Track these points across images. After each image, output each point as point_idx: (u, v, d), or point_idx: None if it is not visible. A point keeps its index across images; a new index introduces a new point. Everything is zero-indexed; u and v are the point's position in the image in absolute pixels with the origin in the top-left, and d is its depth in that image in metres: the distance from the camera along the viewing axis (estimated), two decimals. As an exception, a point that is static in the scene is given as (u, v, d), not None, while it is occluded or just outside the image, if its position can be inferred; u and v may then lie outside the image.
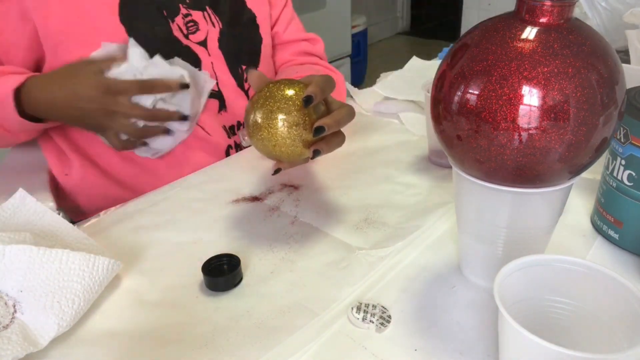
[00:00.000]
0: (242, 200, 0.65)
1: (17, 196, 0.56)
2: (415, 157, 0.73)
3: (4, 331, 0.43)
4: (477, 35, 0.40)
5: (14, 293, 0.45)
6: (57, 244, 0.52)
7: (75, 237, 0.54)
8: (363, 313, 0.46)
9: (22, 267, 0.45)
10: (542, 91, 0.36)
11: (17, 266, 0.45)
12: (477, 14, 2.68)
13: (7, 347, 0.41)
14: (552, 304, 0.40)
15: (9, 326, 0.43)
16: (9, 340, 0.42)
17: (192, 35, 0.75)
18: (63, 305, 0.45)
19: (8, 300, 0.45)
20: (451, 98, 0.40)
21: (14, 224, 0.54)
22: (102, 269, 0.48)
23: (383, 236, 0.57)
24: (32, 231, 0.52)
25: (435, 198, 0.63)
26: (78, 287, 0.46)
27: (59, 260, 0.46)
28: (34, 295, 0.45)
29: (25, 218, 0.55)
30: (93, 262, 0.48)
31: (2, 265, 0.45)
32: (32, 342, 0.43)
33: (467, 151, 0.40)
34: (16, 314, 0.44)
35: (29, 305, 0.45)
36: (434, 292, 0.49)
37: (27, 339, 0.43)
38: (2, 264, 0.45)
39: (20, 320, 0.44)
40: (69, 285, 0.46)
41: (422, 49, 3.72)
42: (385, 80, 0.95)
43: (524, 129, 0.37)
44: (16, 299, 0.45)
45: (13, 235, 0.48)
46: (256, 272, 0.53)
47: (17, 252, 0.46)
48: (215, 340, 0.45)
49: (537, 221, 0.44)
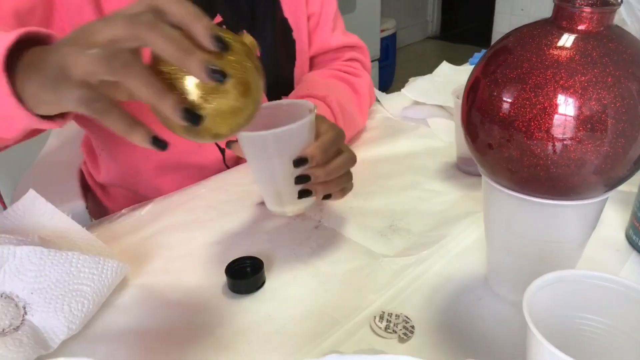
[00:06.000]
0: (266, 203, 0.65)
1: (28, 197, 0.56)
2: (443, 164, 0.72)
3: (14, 333, 0.43)
4: (512, 42, 0.39)
5: (24, 295, 0.45)
6: (66, 246, 0.51)
7: (84, 239, 0.54)
8: (386, 322, 0.45)
9: (33, 269, 0.45)
10: (578, 101, 0.35)
11: (28, 268, 0.45)
12: (509, 19, 2.64)
13: (18, 350, 0.41)
14: (583, 322, 0.38)
15: (19, 328, 0.43)
16: (20, 343, 0.42)
17: None
18: (73, 308, 0.45)
19: (19, 302, 0.45)
20: (483, 105, 0.39)
21: (24, 225, 0.54)
22: (110, 272, 0.48)
23: (408, 244, 0.56)
24: (41, 232, 0.52)
25: (462, 207, 0.62)
26: (87, 290, 0.46)
27: (69, 263, 0.46)
28: (45, 298, 0.45)
29: (35, 219, 0.55)
30: (102, 265, 0.48)
31: (14, 267, 0.45)
32: (43, 344, 0.43)
33: (498, 160, 0.39)
34: (26, 315, 0.44)
35: (39, 307, 0.45)
36: (459, 303, 0.48)
37: (37, 341, 0.43)
38: (14, 265, 0.45)
39: (30, 322, 0.44)
40: (78, 287, 0.46)
41: (452, 53, 3.68)
42: (415, 84, 0.94)
43: (558, 139, 0.36)
44: (27, 300, 0.45)
45: (22, 237, 0.48)
46: (278, 276, 0.52)
47: (28, 253, 0.46)
48: (236, 343, 0.45)
49: (569, 235, 0.43)
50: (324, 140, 0.53)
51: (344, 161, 0.55)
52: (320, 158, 0.52)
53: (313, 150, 0.52)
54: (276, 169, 0.53)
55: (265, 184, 0.56)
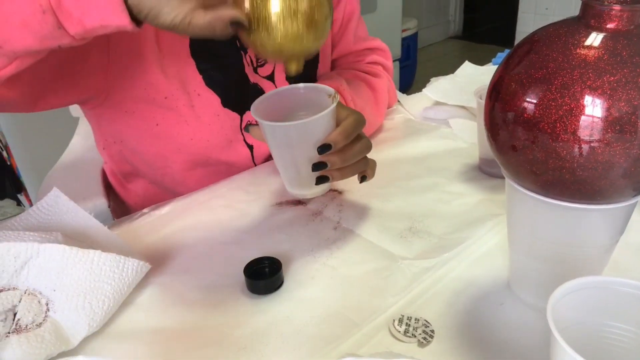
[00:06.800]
0: (285, 203, 0.65)
1: (51, 195, 0.57)
2: (465, 166, 0.71)
3: (37, 329, 0.43)
4: (538, 41, 0.38)
5: (47, 292, 0.46)
6: (88, 244, 0.52)
7: (105, 237, 0.55)
8: (405, 326, 0.45)
9: (55, 267, 0.46)
10: (607, 102, 0.34)
11: (51, 265, 0.46)
12: (533, 19, 2.59)
13: (41, 346, 0.42)
14: (609, 330, 0.37)
15: (42, 324, 0.44)
16: (42, 339, 0.43)
17: (261, 69, 0.72)
18: (94, 306, 0.45)
19: (41, 299, 0.46)
20: (507, 106, 0.38)
21: (48, 222, 0.55)
22: (131, 271, 0.49)
23: (428, 247, 0.55)
24: (63, 230, 0.53)
25: (484, 209, 0.61)
26: (108, 289, 0.47)
27: (90, 261, 0.47)
28: (66, 295, 0.46)
29: (58, 217, 0.56)
30: (123, 263, 0.48)
31: (37, 264, 0.46)
32: (64, 341, 0.44)
33: (523, 162, 0.38)
34: (49, 312, 0.45)
35: (61, 304, 0.45)
36: (481, 308, 0.47)
37: (59, 337, 0.44)
38: (37, 262, 0.46)
39: (52, 319, 0.45)
40: (99, 286, 0.46)
41: (474, 54, 3.63)
42: (436, 84, 0.93)
43: (585, 141, 0.35)
44: (49, 297, 0.46)
45: (45, 235, 0.49)
46: (297, 277, 0.52)
47: (51, 251, 0.46)
48: (254, 344, 0.44)
49: (596, 239, 0.42)
50: (346, 126, 0.54)
51: (361, 148, 0.56)
52: (343, 144, 0.53)
53: (336, 136, 0.53)
54: (298, 155, 0.54)
55: (286, 169, 0.57)
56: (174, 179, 0.73)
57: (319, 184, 0.55)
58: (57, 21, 0.42)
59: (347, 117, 0.55)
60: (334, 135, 0.53)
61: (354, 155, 0.55)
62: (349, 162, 0.55)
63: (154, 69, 0.64)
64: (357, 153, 0.55)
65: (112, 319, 0.48)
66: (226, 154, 0.72)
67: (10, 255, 0.46)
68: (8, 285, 0.46)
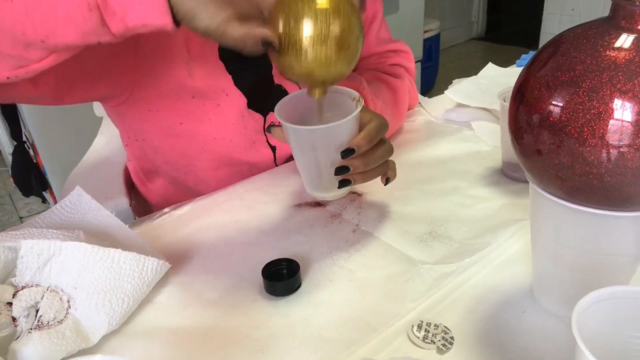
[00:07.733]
0: (304, 205, 0.65)
1: (74, 194, 0.58)
2: (487, 169, 0.70)
3: (58, 326, 0.44)
4: (565, 43, 0.37)
5: (68, 289, 0.47)
6: (109, 242, 0.53)
7: (126, 236, 0.55)
8: (424, 332, 0.44)
9: (76, 265, 0.47)
10: (637, 105, 0.33)
11: (72, 263, 0.47)
12: (559, 20, 2.54)
13: (61, 342, 0.42)
14: (636, 342, 0.36)
15: (63, 321, 0.45)
16: (63, 336, 0.43)
17: None
18: (114, 304, 0.46)
19: (63, 296, 0.47)
20: (532, 109, 0.37)
21: (70, 221, 0.56)
22: (151, 270, 0.49)
23: (449, 251, 0.54)
24: (85, 228, 0.53)
25: (507, 214, 0.60)
26: (128, 287, 0.47)
27: (110, 259, 0.47)
28: (87, 293, 0.46)
29: (81, 216, 0.57)
30: (143, 262, 0.49)
31: (59, 262, 0.47)
32: (84, 339, 0.44)
33: (548, 167, 0.37)
34: (70, 309, 0.46)
35: (81, 302, 0.46)
36: (502, 315, 0.46)
37: (79, 335, 0.44)
38: (59, 260, 0.47)
39: (73, 316, 0.45)
40: (119, 284, 0.47)
41: (497, 55, 3.58)
42: (459, 86, 0.92)
43: (614, 146, 0.34)
44: (70, 295, 0.47)
45: (67, 233, 0.50)
46: (315, 279, 0.52)
47: (72, 249, 0.47)
48: (271, 346, 0.44)
49: (623, 248, 0.40)
50: (370, 130, 0.54)
51: (383, 152, 0.56)
52: (366, 148, 0.53)
53: (359, 140, 0.53)
54: (320, 158, 0.54)
55: (308, 171, 0.57)
56: (197, 177, 0.74)
57: (342, 187, 0.55)
58: (102, 18, 0.43)
59: (371, 121, 0.55)
60: (357, 139, 0.53)
61: (376, 159, 0.55)
62: (371, 166, 0.55)
63: (182, 68, 0.64)
64: (379, 157, 0.56)
65: (131, 318, 0.48)
66: (249, 155, 0.72)
67: (34, 252, 0.47)
68: (31, 281, 0.47)
